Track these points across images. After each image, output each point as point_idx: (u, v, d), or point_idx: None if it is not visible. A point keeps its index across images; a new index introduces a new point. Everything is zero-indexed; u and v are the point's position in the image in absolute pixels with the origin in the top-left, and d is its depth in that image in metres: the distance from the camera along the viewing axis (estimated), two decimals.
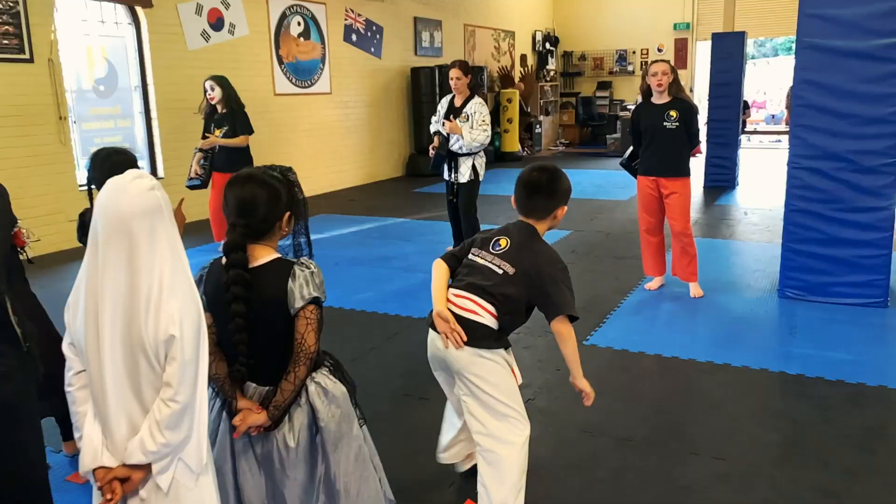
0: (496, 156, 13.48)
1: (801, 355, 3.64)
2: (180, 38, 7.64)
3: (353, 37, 10.35)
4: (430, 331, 2.26)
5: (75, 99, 6.72)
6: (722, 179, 9.25)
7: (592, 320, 4.22)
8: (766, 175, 10.20)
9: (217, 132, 5.82)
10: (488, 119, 5.43)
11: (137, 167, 2.49)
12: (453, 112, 5.52)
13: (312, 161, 9.66)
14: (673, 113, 4.51)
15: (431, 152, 5.55)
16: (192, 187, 5.85)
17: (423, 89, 11.38)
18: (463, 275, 2.27)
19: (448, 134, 5.49)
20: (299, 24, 9.27)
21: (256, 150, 8.91)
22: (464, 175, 5.55)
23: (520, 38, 15.52)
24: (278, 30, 8.93)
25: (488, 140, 5.43)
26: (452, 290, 2.25)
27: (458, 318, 2.17)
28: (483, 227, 5.64)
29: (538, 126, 15.37)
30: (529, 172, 2.31)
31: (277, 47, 8.94)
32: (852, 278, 4.38)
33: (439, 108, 5.71)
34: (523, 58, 15.71)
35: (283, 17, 8.99)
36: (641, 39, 16.18)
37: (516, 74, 15.15)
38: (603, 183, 9.83)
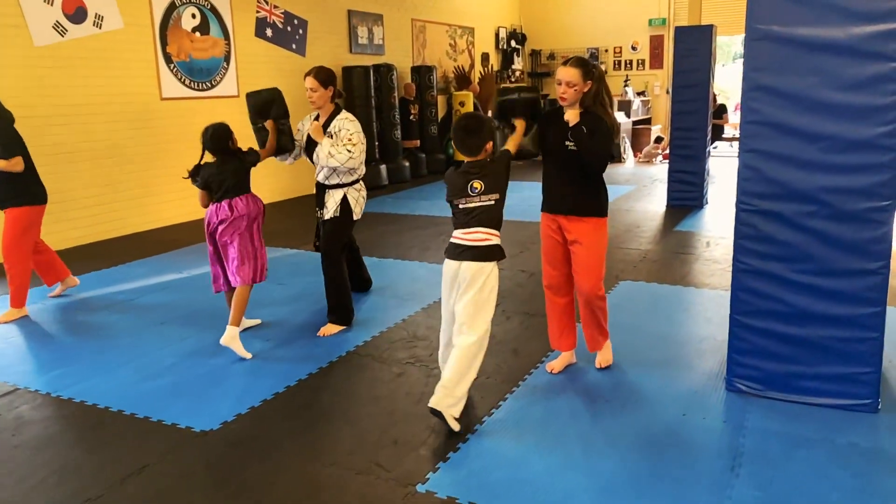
0: (447, 164, 12.17)
1: None
2: (23, 32, 6.28)
3: (269, 31, 9.01)
4: (447, 261, 3.04)
5: None
6: (687, 198, 7.94)
7: (449, 441, 2.89)
8: None
9: None
10: (357, 138, 4.09)
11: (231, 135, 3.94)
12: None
13: None
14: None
15: None
16: None
17: (356, 91, 10.04)
18: (464, 218, 3.01)
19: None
20: (194, 16, 7.91)
21: (139, 163, 7.60)
22: (329, 210, 4.23)
23: (481, 36, 14.20)
24: (165, 23, 7.57)
25: (354, 164, 4.10)
26: (461, 231, 3.02)
27: (474, 248, 2.97)
28: (395, 262, 4.33)
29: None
30: (460, 121, 3.05)
31: (164, 44, 7.59)
32: (827, 369, 3.06)
33: (300, 125, 4.40)
34: (485, 56, 14.39)
35: (172, 7, 7.63)
36: (615, 37, 14.90)
37: (476, 75, 13.82)
38: (536, 200, 8.43)
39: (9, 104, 6.13)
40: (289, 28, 9.31)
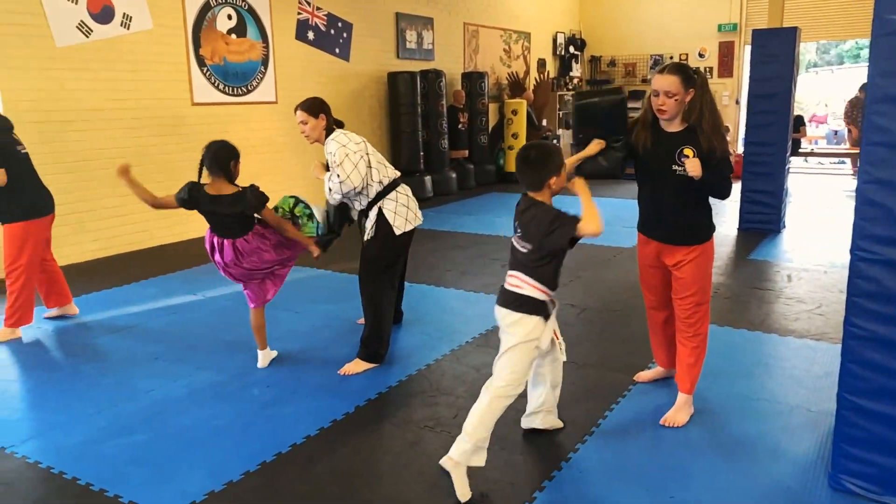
0: (498, 176, 11.52)
1: None
2: (45, 32, 5.92)
3: (310, 35, 8.54)
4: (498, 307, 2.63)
5: None
6: (762, 221, 7.08)
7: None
8: (825, 211, 7.97)
9: None
10: (341, 155, 3.54)
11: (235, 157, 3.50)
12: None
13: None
14: (689, 151, 2.78)
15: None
16: None
17: (402, 98, 9.51)
18: (510, 257, 2.66)
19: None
20: (230, 17, 7.49)
21: (167, 172, 7.12)
22: (367, 232, 3.73)
23: (538, 41, 13.52)
24: (198, 24, 7.17)
25: (351, 186, 3.54)
26: (509, 271, 2.64)
27: (507, 292, 2.60)
28: (424, 288, 3.72)
29: (555, 141, 13.30)
30: (521, 151, 2.59)
31: (197, 46, 7.18)
32: None
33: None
34: (541, 62, 13.70)
35: (207, 8, 7.22)
36: (680, 43, 14.01)
37: (531, 82, 13.14)
38: (609, 217, 7.50)
39: (24, 108, 5.82)
40: (332, 31, 8.84)
